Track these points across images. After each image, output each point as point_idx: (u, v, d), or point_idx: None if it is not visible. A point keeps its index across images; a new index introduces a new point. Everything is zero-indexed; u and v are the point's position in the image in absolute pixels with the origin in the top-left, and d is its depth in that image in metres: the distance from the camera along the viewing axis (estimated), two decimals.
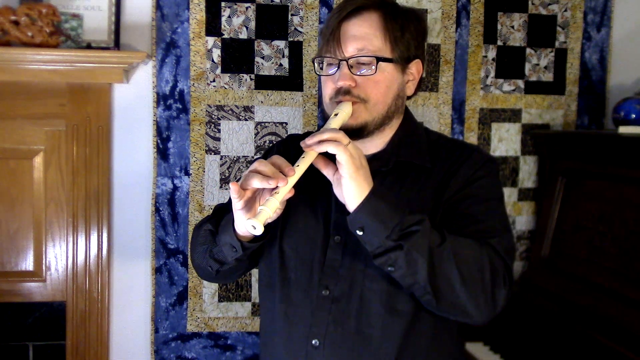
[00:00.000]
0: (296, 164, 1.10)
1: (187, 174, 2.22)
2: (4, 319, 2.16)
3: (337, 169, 1.11)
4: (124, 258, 2.23)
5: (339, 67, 1.21)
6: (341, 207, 1.16)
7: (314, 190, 1.24)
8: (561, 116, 2.42)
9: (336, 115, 1.18)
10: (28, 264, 2.15)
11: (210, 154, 2.22)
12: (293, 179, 1.09)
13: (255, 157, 2.24)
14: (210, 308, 2.26)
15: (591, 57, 2.41)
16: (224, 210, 1.34)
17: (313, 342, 1.23)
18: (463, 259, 1.12)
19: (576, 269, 2.02)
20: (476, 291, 1.13)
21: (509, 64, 2.37)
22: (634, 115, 2.04)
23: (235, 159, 2.24)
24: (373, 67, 1.20)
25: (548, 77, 2.40)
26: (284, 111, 2.25)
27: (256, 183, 1.09)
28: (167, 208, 2.22)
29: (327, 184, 1.16)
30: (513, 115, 2.39)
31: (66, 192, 2.13)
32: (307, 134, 1.41)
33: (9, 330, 2.16)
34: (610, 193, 1.94)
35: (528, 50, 2.38)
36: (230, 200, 1.38)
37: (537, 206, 2.40)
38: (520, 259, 2.43)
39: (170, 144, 2.20)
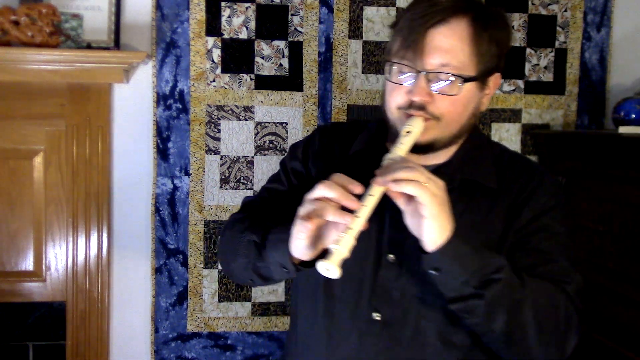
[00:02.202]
0: (366, 199, 0.99)
1: (187, 174, 2.22)
2: (4, 319, 2.16)
3: (410, 199, 0.99)
4: (124, 258, 2.23)
5: (415, 78, 1.08)
6: (396, 223, 1.08)
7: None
8: (561, 116, 2.42)
9: (408, 133, 1.07)
10: (28, 264, 2.15)
11: (210, 154, 2.22)
12: (365, 215, 0.98)
13: (255, 156, 2.25)
14: (210, 308, 2.26)
15: (591, 57, 2.41)
16: (259, 210, 1.25)
17: None
18: (541, 308, 1.05)
19: (576, 269, 2.02)
20: (549, 341, 1.06)
21: (509, 64, 2.37)
22: (634, 115, 2.04)
23: (235, 159, 2.24)
24: (456, 87, 1.07)
25: (548, 77, 2.40)
26: (284, 111, 2.25)
27: (332, 217, 0.98)
28: (167, 208, 2.22)
29: (382, 198, 1.03)
30: (513, 115, 2.39)
31: (66, 192, 2.13)
32: (354, 127, 1.29)
33: (9, 330, 2.16)
34: (610, 193, 1.94)
35: (528, 50, 2.38)
36: (263, 197, 1.29)
37: None
38: None
39: (170, 144, 2.20)
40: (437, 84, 1.08)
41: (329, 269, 0.96)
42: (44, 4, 1.99)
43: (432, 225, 0.98)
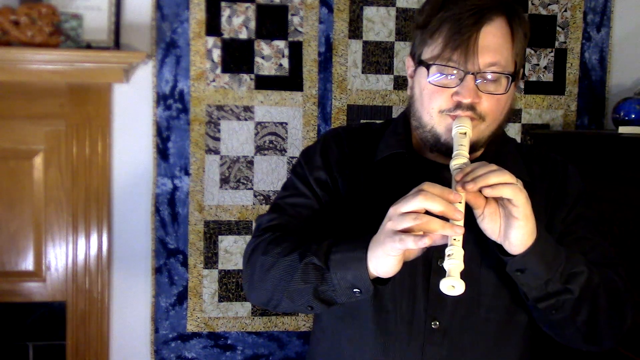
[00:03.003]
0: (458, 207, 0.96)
1: (187, 173, 2.22)
2: (4, 319, 2.16)
3: (485, 202, 0.98)
4: (124, 258, 2.23)
5: (462, 79, 1.05)
6: None
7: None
8: (561, 116, 2.42)
9: (464, 134, 1.05)
10: (28, 264, 2.15)
11: (210, 154, 2.22)
12: (462, 222, 0.94)
13: (255, 156, 2.25)
14: (210, 308, 2.26)
15: (591, 57, 2.41)
16: (289, 229, 1.16)
17: None
18: (609, 294, 1.07)
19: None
20: (615, 326, 1.10)
21: None
22: (634, 115, 2.04)
23: (235, 159, 2.24)
24: (502, 85, 1.07)
25: (548, 77, 2.40)
26: (284, 111, 2.25)
27: (441, 231, 0.92)
28: (167, 208, 2.22)
29: None
30: (513, 115, 2.39)
31: (66, 192, 2.13)
32: (366, 131, 1.25)
33: (9, 330, 2.16)
34: (610, 193, 1.94)
35: (528, 50, 2.38)
36: (289, 215, 1.18)
37: None
38: None
39: (170, 144, 2.20)
40: (485, 84, 1.06)
41: (454, 285, 0.91)
42: (44, 4, 1.99)
43: (524, 226, 0.97)
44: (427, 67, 1.07)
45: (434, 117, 1.09)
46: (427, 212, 0.93)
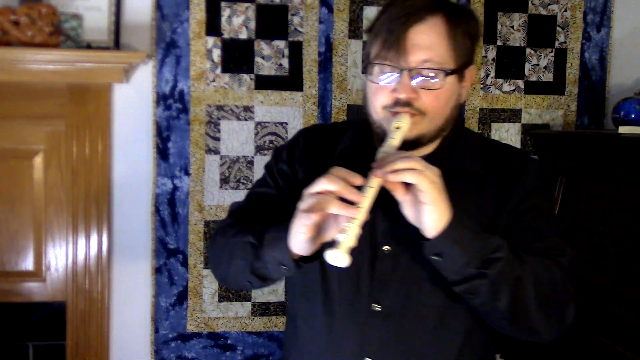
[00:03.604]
0: (366, 190, 1.01)
1: (187, 174, 2.22)
2: (4, 319, 2.16)
3: (406, 190, 1.03)
4: (124, 258, 2.23)
5: (399, 76, 1.11)
6: (389, 214, 1.11)
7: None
8: (561, 116, 2.42)
9: (398, 128, 1.10)
10: (28, 264, 2.15)
11: (210, 154, 2.22)
12: (367, 205, 1.00)
13: (255, 156, 2.25)
14: (210, 308, 2.26)
15: (591, 57, 2.41)
16: (250, 215, 1.26)
17: None
18: (541, 282, 1.09)
19: (576, 269, 2.02)
20: (550, 313, 1.10)
21: (509, 64, 2.37)
22: (634, 115, 2.04)
23: (235, 159, 2.24)
24: (439, 81, 1.11)
25: (548, 77, 2.40)
26: (284, 111, 2.25)
27: (335, 210, 1.00)
28: (167, 208, 2.22)
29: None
30: (513, 115, 2.39)
31: (66, 192, 2.13)
32: (338, 127, 1.32)
33: (9, 330, 2.16)
34: (610, 193, 1.94)
35: (528, 50, 2.38)
36: (253, 202, 1.31)
37: None
38: None
39: (170, 144, 2.20)
40: (421, 80, 1.11)
41: (338, 257, 0.98)
42: (44, 4, 1.99)
43: (432, 211, 1.01)
44: (371, 66, 1.14)
45: (379, 113, 1.15)
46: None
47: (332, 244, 1.00)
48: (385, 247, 1.16)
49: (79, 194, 2.14)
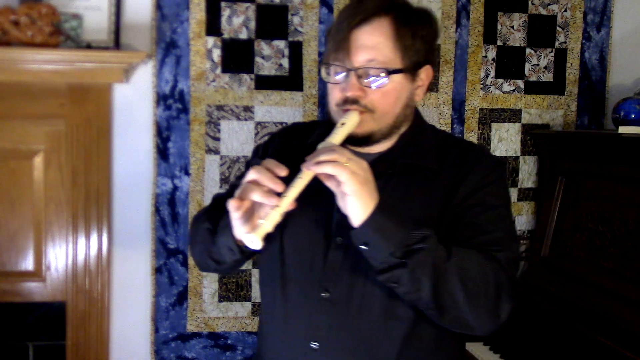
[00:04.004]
0: (295, 181, 1.08)
1: (187, 174, 2.22)
2: (4, 319, 2.15)
3: (339, 182, 1.08)
4: (124, 258, 2.23)
5: (347, 75, 1.18)
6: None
7: (317, 189, 1.19)
8: (561, 116, 2.42)
9: (343, 124, 1.16)
10: (28, 264, 2.14)
11: (210, 154, 2.23)
12: (293, 195, 1.08)
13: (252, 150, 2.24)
14: (210, 308, 2.26)
15: (591, 57, 2.41)
16: (221, 204, 1.32)
17: (312, 344, 1.21)
18: (468, 274, 1.11)
19: (576, 269, 2.02)
20: (480, 307, 1.13)
21: (509, 64, 2.37)
22: (634, 115, 2.03)
23: (235, 159, 2.24)
24: (383, 79, 1.17)
25: (548, 77, 2.40)
26: (284, 111, 2.25)
27: (257, 197, 1.08)
28: (167, 208, 2.22)
29: None
30: (513, 115, 2.39)
31: (66, 192, 2.13)
32: (312, 125, 1.40)
33: (9, 330, 2.16)
34: (610, 193, 1.94)
35: (528, 50, 2.38)
36: (228, 193, 1.37)
37: (537, 206, 2.40)
38: (520, 259, 2.43)
39: (170, 144, 2.20)
40: (368, 79, 1.17)
41: (253, 240, 1.06)
42: (44, 4, 1.99)
43: (354, 201, 1.07)
44: (325, 67, 1.23)
45: (334, 111, 1.22)
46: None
47: (305, 231, 1.12)
48: (339, 239, 1.21)
49: (79, 194, 2.14)
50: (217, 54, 2.20)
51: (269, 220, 1.06)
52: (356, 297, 1.20)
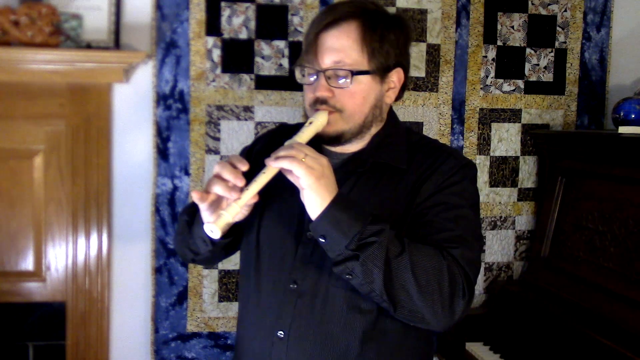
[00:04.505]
0: (259, 176, 1.15)
1: (187, 173, 2.22)
2: (4, 319, 2.15)
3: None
4: (124, 258, 2.23)
5: (317, 77, 1.24)
6: None
7: (292, 185, 1.22)
8: (561, 116, 2.42)
9: (310, 123, 1.22)
10: (28, 264, 2.14)
11: (210, 154, 2.23)
12: (254, 189, 1.14)
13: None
14: (210, 308, 2.26)
15: (591, 57, 2.41)
16: None
17: (278, 333, 1.27)
18: (421, 268, 1.14)
19: (576, 269, 2.02)
20: (433, 301, 1.15)
21: (509, 64, 2.37)
22: (634, 115, 2.04)
23: None
24: (348, 80, 1.22)
25: (548, 77, 2.40)
26: (284, 111, 2.25)
27: (218, 190, 1.15)
28: (167, 208, 2.22)
29: None
30: (513, 115, 2.39)
31: (66, 192, 2.13)
32: (296, 125, 1.44)
33: (9, 330, 2.16)
34: (610, 193, 1.94)
35: (528, 50, 2.38)
36: None
37: (537, 206, 2.40)
38: (520, 259, 2.43)
39: (170, 144, 2.20)
40: (336, 80, 1.23)
41: (212, 230, 1.12)
42: (44, 4, 1.99)
43: (309, 195, 1.12)
44: (299, 68, 1.28)
45: (308, 110, 1.28)
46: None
47: (281, 225, 1.20)
48: (309, 233, 1.24)
49: (79, 194, 2.14)
50: (217, 54, 2.20)
51: (229, 212, 1.12)
52: (321, 290, 1.25)
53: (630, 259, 1.81)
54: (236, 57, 2.22)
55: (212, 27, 2.19)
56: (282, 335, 1.26)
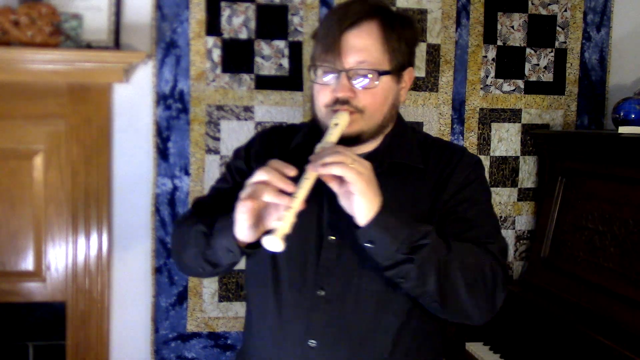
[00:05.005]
0: (302, 182, 1.10)
1: (187, 174, 2.22)
2: (4, 319, 2.15)
3: (342, 182, 1.11)
4: (124, 258, 2.23)
5: (337, 77, 1.21)
6: (334, 207, 1.18)
7: None
8: (561, 116, 2.42)
9: (336, 125, 1.19)
10: (28, 264, 2.14)
11: (210, 154, 2.23)
12: (302, 195, 1.09)
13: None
14: (210, 308, 2.26)
15: (591, 57, 2.41)
16: (207, 207, 1.35)
17: (309, 342, 1.24)
18: (467, 266, 1.17)
19: (576, 269, 2.02)
20: (478, 296, 1.18)
21: (509, 64, 2.37)
22: (634, 115, 2.04)
23: None
24: (373, 80, 1.21)
25: (548, 77, 2.40)
26: (284, 111, 2.25)
27: (269, 198, 1.09)
28: (167, 208, 2.22)
29: (318, 184, 1.15)
30: (513, 115, 2.39)
31: (66, 192, 2.13)
32: (291, 128, 1.44)
33: (9, 330, 2.16)
34: (610, 193, 1.94)
35: (528, 50, 2.38)
36: (211, 196, 1.41)
37: (537, 206, 2.40)
38: (520, 259, 2.43)
39: (170, 144, 2.20)
40: (358, 80, 1.21)
41: (274, 242, 1.06)
42: (44, 4, 1.99)
43: (361, 200, 1.10)
44: (314, 68, 1.25)
45: (322, 111, 1.25)
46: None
47: (297, 232, 1.09)
48: (331, 237, 1.24)
49: (79, 193, 2.14)
50: (217, 54, 2.20)
51: (286, 221, 1.07)
52: (351, 294, 1.24)
53: (630, 259, 1.81)
54: (236, 57, 2.22)
55: (212, 27, 2.19)
56: (313, 345, 1.24)
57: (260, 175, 1.11)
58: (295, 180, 1.10)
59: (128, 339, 2.25)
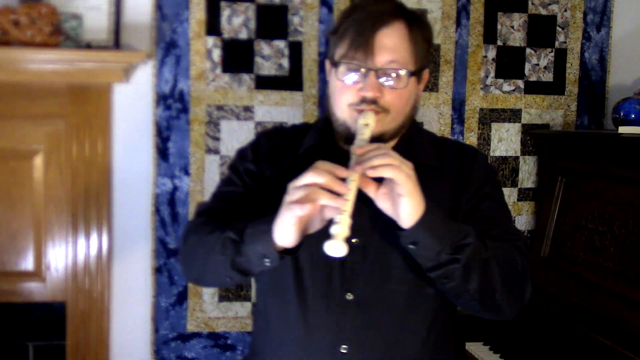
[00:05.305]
0: (349, 184, 1.07)
1: (187, 173, 2.22)
2: (4, 319, 2.16)
3: (377, 186, 1.10)
4: (124, 258, 2.23)
5: (365, 75, 1.19)
6: (356, 208, 1.12)
7: None
8: (561, 116, 2.42)
9: (366, 125, 1.17)
10: (28, 264, 2.14)
11: (210, 153, 2.23)
12: (352, 197, 1.06)
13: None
14: (210, 308, 2.26)
15: (591, 57, 2.41)
16: (221, 213, 1.29)
17: (341, 349, 1.22)
18: (503, 264, 1.18)
19: (576, 269, 2.02)
20: (512, 292, 1.21)
21: (509, 64, 2.37)
22: (634, 116, 2.04)
23: None
24: (402, 81, 1.20)
25: (548, 77, 2.40)
26: (284, 111, 2.25)
27: (325, 201, 1.05)
28: (167, 208, 2.22)
29: None
30: (513, 115, 2.39)
31: (66, 192, 2.13)
32: (297, 129, 1.42)
33: (9, 330, 2.16)
34: (610, 193, 1.94)
35: (528, 50, 2.38)
36: (221, 201, 1.35)
37: (537, 206, 2.40)
38: None
39: (170, 144, 2.20)
40: (386, 80, 1.19)
41: (336, 247, 1.03)
42: (44, 4, 1.99)
43: (409, 202, 1.08)
44: (337, 66, 1.22)
45: (344, 111, 1.22)
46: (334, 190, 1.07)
47: (321, 236, 1.06)
48: (355, 240, 1.20)
49: (79, 194, 2.14)
50: (217, 53, 2.20)
51: (344, 223, 1.04)
52: (379, 296, 1.22)
53: (630, 259, 1.81)
54: (236, 57, 2.22)
55: (212, 27, 2.19)
56: (345, 350, 1.21)
57: (312, 178, 1.06)
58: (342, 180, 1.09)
59: (128, 339, 2.25)
